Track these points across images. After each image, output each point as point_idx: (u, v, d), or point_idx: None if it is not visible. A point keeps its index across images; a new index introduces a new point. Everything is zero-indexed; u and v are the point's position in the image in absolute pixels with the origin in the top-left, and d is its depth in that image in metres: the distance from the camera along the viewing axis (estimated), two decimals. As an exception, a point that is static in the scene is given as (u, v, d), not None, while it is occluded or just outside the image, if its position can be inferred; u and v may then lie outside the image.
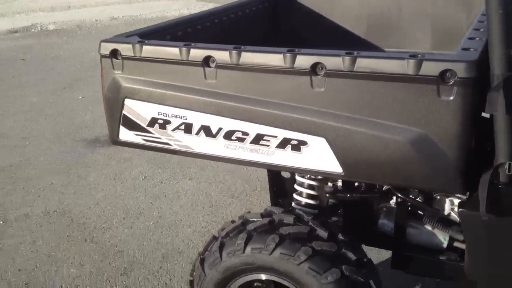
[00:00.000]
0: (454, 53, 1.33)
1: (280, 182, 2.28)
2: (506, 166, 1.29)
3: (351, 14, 2.56)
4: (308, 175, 1.86)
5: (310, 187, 1.86)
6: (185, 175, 3.78)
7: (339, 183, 1.92)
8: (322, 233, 1.67)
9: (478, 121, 1.31)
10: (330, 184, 1.89)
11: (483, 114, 1.34)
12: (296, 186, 1.90)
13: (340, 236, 1.70)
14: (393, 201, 1.87)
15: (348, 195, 1.89)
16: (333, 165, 1.47)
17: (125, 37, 1.68)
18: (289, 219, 1.72)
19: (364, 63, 1.34)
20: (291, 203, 1.93)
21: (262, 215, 1.78)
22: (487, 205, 1.32)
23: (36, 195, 3.50)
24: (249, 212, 1.86)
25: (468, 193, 1.52)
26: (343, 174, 1.47)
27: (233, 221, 1.84)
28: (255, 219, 1.76)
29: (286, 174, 2.24)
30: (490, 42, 1.22)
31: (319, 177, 1.84)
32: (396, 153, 1.38)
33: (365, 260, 1.71)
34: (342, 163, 1.46)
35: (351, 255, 1.65)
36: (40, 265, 2.72)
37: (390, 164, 1.40)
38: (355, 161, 1.44)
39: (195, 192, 3.49)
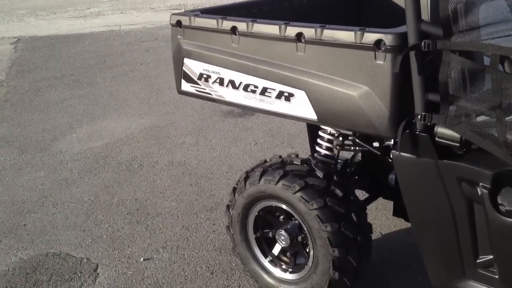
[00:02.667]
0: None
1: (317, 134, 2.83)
2: (420, 116, 1.72)
3: None
4: (328, 131, 2.40)
5: (326, 140, 2.41)
6: (289, 144, 4.48)
7: (349, 138, 2.43)
8: (319, 172, 2.23)
9: (405, 81, 1.75)
10: (340, 138, 2.40)
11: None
12: (318, 140, 2.46)
13: (335, 178, 2.23)
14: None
15: (352, 149, 2.39)
16: (310, 113, 2.04)
17: (189, 12, 2.43)
18: (297, 161, 2.31)
19: (328, 33, 1.89)
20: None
21: (280, 157, 2.40)
22: (408, 147, 1.77)
23: (168, 150, 4.55)
24: (275, 155, 2.48)
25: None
26: (316, 120, 2.03)
27: (264, 161, 2.48)
28: (274, 160, 2.39)
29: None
30: (407, 18, 1.67)
31: (332, 131, 2.37)
32: (350, 104, 1.89)
33: (351, 198, 2.21)
34: (316, 112, 2.02)
35: (338, 192, 2.19)
36: (151, 198, 3.70)
37: (346, 113, 1.92)
38: (324, 110, 1.99)
39: (291, 158, 4.16)
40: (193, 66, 2.40)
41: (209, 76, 2.34)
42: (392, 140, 2.24)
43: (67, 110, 5.71)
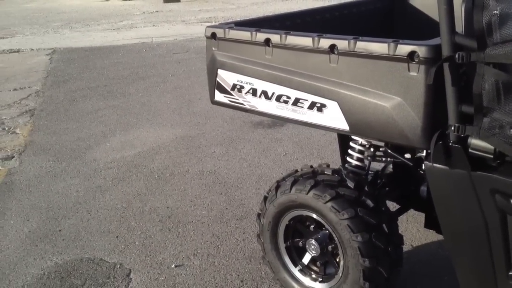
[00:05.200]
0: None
1: (347, 145, 2.84)
2: (453, 127, 1.73)
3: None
4: (359, 141, 2.42)
5: (357, 151, 2.43)
6: (319, 155, 4.50)
7: (380, 149, 2.44)
8: (350, 183, 2.25)
9: (439, 92, 1.76)
10: (371, 149, 2.42)
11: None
12: (349, 150, 2.48)
13: (366, 188, 2.24)
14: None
15: (383, 160, 2.40)
16: (342, 124, 2.06)
17: (224, 24, 2.49)
18: (328, 171, 2.33)
19: (361, 45, 1.91)
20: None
21: (311, 167, 2.42)
22: (441, 159, 1.78)
23: (199, 159, 4.61)
24: (306, 165, 2.50)
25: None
26: (349, 130, 2.05)
27: (296, 171, 2.51)
28: (305, 170, 2.42)
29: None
30: (441, 30, 1.68)
31: (363, 142, 2.39)
32: (382, 115, 1.91)
33: (382, 209, 2.22)
34: (348, 122, 2.04)
35: (369, 202, 2.20)
36: (182, 206, 3.76)
37: (379, 124, 1.93)
38: (356, 120, 2.01)
39: (321, 169, 4.17)
40: (226, 77, 2.45)
41: (242, 87, 2.39)
42: (424, 151, 2.24)
43: (101, 120, 5.84)
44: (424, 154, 2.32)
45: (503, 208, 1.76)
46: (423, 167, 1.92)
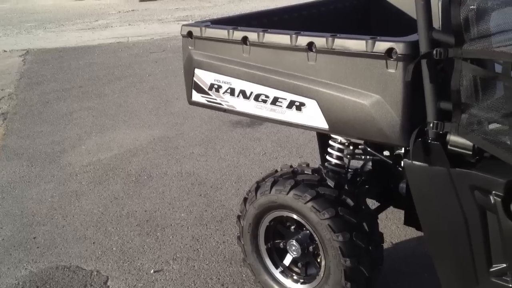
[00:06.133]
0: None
1: (327, 144, 2.84)
2: (432, 124, 1.73)
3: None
4: (338, 140, 2.41)
5: (337, 149, 2.42)
6: (298, 154, 4.50)
7: (359, 147, 2.43)
8: (330, 182, 2.24)
9: (417, 89, 1.76)
10: (350, 147, 2.41)
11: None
12: (328, 149, 2.47)
13: (346, 187, 2.24)
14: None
15: (362, 158, 2.40)
16: (322, 122, 2.05)
17: (200, 23, 2.46)
18: (308, 170, 2.32)
19: (339, 43, 1.90)
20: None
21: (291, 167, 2.41)
22: (420, 156, 1.78)
23: (177, 160, 4.57)
24: (286, 165, 2.49)
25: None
26: (328, 129, 2.04)
27: (275, 171, 2.50)
28: (285, 170, 2.40)
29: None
30: (418, 26, 1.68)
31: (343, 141, 2.38)
32: (361, 113, 1.91)
33: (363, 207, 2.22)
34: (327, 121, 2.03)
35: (349, 201, 2.19)
36: (161, 209, 3.72)
37: (358, 122, 1.93)
38: (335, 119, 2.00)
39: (301, 168, 4.17)
40: (204, 77, 2.42)
41: (220, 87, 2.37)
42: (403, 148, 2.25)
43: (76, 122, 5.76)
44: (403, 151, 2.33)
45: (482, 204, 1.77)
46: (402, 164, 1.92)
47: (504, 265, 1.81)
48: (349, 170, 2.57)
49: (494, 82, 1.64)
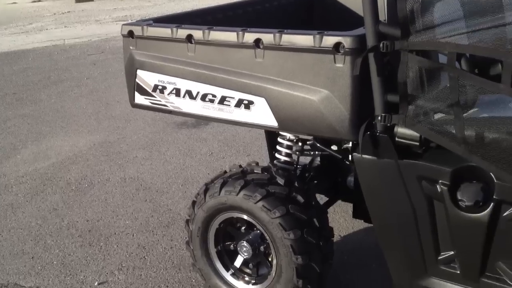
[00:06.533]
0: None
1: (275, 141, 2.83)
2: (380, 117, 1.75)
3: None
4: (287, 137, 2.40)
5: (285, 146, 2.41)
6: (245, 152, 4.47)
7: (307, 143, 2.43)
8: (280, 180, 2.22)
9: (365, 83, 1.77)
10: (299, 144, 2.41)
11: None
12: (277, 146, 2.46)
13: (296, 184, 2.23)
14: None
15: (311, 153, 2.40)
16: (271, 120, 2.03)
17: (142, 21, 2.39)
18: (257, 169, 2.29)
19: (286, 38, 1.88)
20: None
21: (240, 167, 2.37)
22: (369, 149, 1.79)
23: (120, 165, 4.43)
24: (235, 165, 2.45)
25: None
26: (277, 127, 2.02)
27: (224, 172, 2.45)
28: (234, 170, 2.36)
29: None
30: (365, 20, 1.69)
31: (291, 137, 2.37)
32: (310, 109, 1.90)
33: (313, 203, 2.22)
34: (276, 118, 2.01)
35: (299, 198, 2.18)
36: (104, 218, 3.59)
37: (307, 118, 1.92)
38: (285, 116, 1.98)
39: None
40: (147, 78, 2.35)
41: (164, 87, 2.30)
42: (350, 142, 2.26)
43: (10, 131, 5.48)
44: (350, 145, 2.34)
45: (429, 194, 1.80)
46: (352, 159, 1.93)
47: (452, 252, 1.85)
48: (298, 166, 2.56)
49: (439, 73, 1.67)
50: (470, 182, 1.72)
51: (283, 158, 2.43)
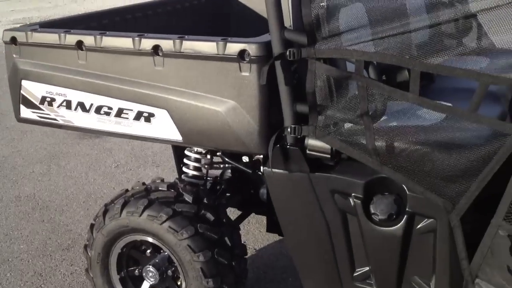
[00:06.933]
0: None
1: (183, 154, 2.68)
2: (289, 129, 1.66)
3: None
4: (195, 149, 2.25)
5: (193, 159, 2.26)
6: (154, 163, 4.26)
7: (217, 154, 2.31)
8: (188, 197, 2.07)
9: (274, 92, 1.67)
10: (208, 156, 2.28)
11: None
12: (184, 160, 2.30)
13: (205, 200, 2.09)
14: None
15: (221, 166, 2.28)
16: (175, 134, 1.88)
17: (26, 26, 2.14)
18: (162, 186, 2.13)
19: (187, 45, 1.75)
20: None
21: (144, 184, 2.19)
22: (280, 163, 1.70)
23: (15, 182, 4.06)
24: (138, 182, 2.27)
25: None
26: (182, 141, 1.88)
27: (126, 190, 2.26)
28: (137, 188, 2.18)
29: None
30: (270, 26, 1.59)
31: (200, 149, 2.23)
32: (216, 121, 1.77)
33: (224, 220, 2.09)
34: (180, 132, 1.87)
35: (209, 216, 2.05)
36: (-4, 241, 3.24)
37: (213, 131, 1.79)
38: (190, 129, 1.84)
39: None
40: (33, 89, 2.11)
41: (53, 99, 2.07)
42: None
43: None
44: (262, 156, 2.24)
45: (343, 208, 1.75)
46: (263, 173, 1.83)
47: (367, 268, 1.81)
48: (209, 178, 2.43)
49: (347, 82, 1.61)
50: (382, 194, 1.67)
51: (191, 172, 2.28)
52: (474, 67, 1.54)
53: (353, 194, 1.70)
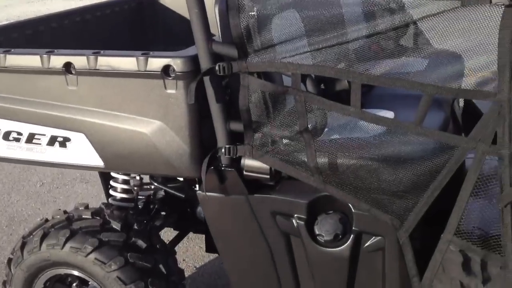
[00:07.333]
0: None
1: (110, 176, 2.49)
2: (224, 149, 1.52)
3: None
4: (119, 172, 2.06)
5: (121, 181, 2.07)
6: (83, 179, 3.99)
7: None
8: (115, 224, 1.89)
9: (205, 110, 1.52)
10: (137, 177, 2.09)
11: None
12: (111, 182, 2.10)
13: (135, 226, 1.91)
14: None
15: (153, 187, 2.11)
16: (94, 159, 1.70)
17: None
18: (86, 214, 1.93)
19: (103, 62, 1.56)
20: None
21: (65, 213, 1.98)
22: (215, 186, 1.56)
23: None
24: (58, 210, 2.05)
25: None
26: (103, 167, 1.69)
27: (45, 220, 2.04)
28: (58, 217, 1.97)
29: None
30: (195, 38, 1.44)
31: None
32: (141, 144, 1.61)
33: (158, 246, 1.93)
34: (101, 156, 1.68)
35: (141, 243, 1.88)
36: None
37: (139, 155, 1.63)
38: (112, 153, 1.67)
39: (87, 195, 3.69)
40: None
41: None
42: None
43: None
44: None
45: (286, 230, 1.65)
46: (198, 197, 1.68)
47: (314, 291, 1.70)
48: (140, 197, 2.23)
49: (284, 97, 1.50)
50: (327, 213, 1.57)
51: (119, 195, 2.09)
52: (416, 71, 1.47)
53: (295, 215, 1.60)
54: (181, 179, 2.14)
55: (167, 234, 2.82)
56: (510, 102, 1.28)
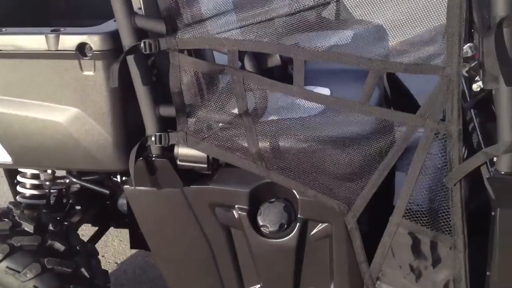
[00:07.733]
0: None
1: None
2: (154, 137, 1.37)
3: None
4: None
5: (30, 176, 1.83)
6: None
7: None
8: (28, 226, 1.68)
9: (129, 94, 1.35)
10: (49, 171, 1.87)
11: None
12: (18, 177, 1.86)
13: (50, 227, 1.71)
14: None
15: (67, 181, 1.89)
16: (2, 155, 1.48)
17: None
18: (-10, 217, 1.69)
19: (6, 41, 1.35)
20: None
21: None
22: (144, 179, 1.43)
23: None
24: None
25: None
26: (12, 163, 1.48)
27: None
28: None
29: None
30: (114, 11, 1.26)
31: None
32: (56, 135, 1.42)
33: (78, 247, 1.74)
34: (9, 151, 1.49)
35: (58, 246, 1.69)
36: None
37: (53, 148, 1.44)
38: (21, 147, 1.47)
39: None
40: None
41: None
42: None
43: None
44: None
45: (226, 222, 1.54)
46: (124, 191, 1.52)
47: (258, 286, 1.61)
48: (52, 191, 2.01)
49: (220, 77, 1.36)
50: (270, 202, 1.46)
51: (29, 192, 1.85)
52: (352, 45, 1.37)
53: (236, 206, 1.48)
54: None
55: (84, 230, 2.61)
56: (459, 76, 1.23)
